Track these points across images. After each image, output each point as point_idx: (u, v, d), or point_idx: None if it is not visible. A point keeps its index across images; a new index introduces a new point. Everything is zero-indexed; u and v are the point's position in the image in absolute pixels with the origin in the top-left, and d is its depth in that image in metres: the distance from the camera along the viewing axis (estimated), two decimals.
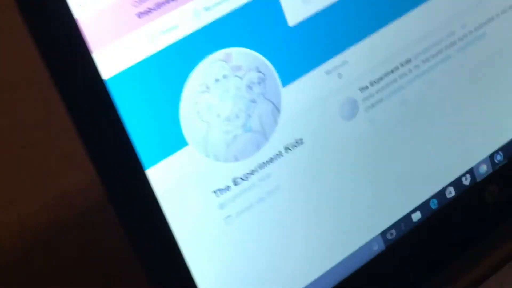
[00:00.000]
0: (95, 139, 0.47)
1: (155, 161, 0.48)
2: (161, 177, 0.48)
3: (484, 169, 0.60)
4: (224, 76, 0.49)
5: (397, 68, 0.55)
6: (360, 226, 0.56)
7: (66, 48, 0.45)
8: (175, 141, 0.48)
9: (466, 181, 0.60)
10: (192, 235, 0.51)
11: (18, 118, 0.66)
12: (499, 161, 0.61)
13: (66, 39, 0.45)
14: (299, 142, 0.53)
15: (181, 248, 0.50)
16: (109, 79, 0.46)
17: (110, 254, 0.66)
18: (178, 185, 0.49)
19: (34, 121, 0.66)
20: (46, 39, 0.44)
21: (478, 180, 0.60)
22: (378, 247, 0.57)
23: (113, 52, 0.46)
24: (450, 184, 0.59)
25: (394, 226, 0.57)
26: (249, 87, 0.50)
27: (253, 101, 0.50)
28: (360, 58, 0.53)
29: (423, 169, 0.58)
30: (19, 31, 0.43)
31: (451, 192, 0.59)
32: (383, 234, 0.57)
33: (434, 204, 0.59)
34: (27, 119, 0.66)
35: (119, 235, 0.49)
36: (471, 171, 0.60)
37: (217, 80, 0.49)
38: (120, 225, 0.49)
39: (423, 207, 0.58)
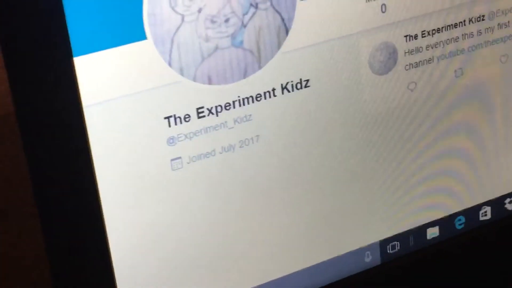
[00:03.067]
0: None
1: (91, 48, 0.35)
2: (95, 73, 0.36)
3: None
4: None
5: (462, 23, 0.43)
6: (356, 225, 0.46)
7: None
8: (129, 29, 0.36)
9: (511, 205, 0.50)
10: (116, 173, 0.37)
11: None
12: None
13: None
14: (303, 84, 0.40)
15: (99, 192, 0.38)
16: None
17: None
18: (117, 92, 0.36)
19: None
20: None
21: None
22: (371, 260, 0.47)
23: None
24: (487, 203, 0.50)
25: (400, 238, 0.48)
26: None
27: (255, 5, 0.37)
28: None
29: (459, 170, 0.47)
30: None
31: (486, 214, 0.51)
32: (383, 244, 0.48)
33: (459, 223, 0.50)
34: None
35: None
36: None
37: None
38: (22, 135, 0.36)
39: (444, 223, 0.49)
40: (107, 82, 0.36)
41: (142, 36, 0.36)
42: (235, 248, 0.41)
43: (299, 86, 0.40)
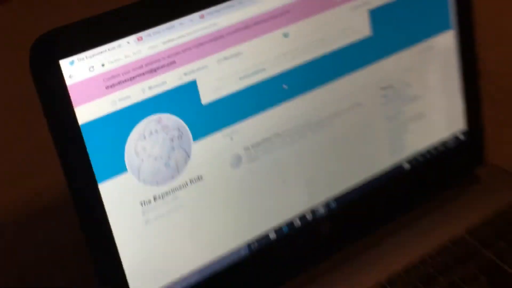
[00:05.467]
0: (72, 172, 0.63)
1: (105, 178, 0.63)
2: (108, 190, 0.63)
3: (321, 210, 0.74)
4: (156, 131, 0.64)
5: (269, 139, 0.69)
6: (232, 235, 0.70)
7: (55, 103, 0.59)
8: (119, 167, 0.63)
9: (309, 216, 0.73)
10: (124, 231, 0.64)
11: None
12: (333, 207, 0.75)
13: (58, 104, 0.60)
14: (200, 178, 0.66)
15: (116, 242, 0.64)
16: (83, 124, 0.62)
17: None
18: (119, 197, 0.63)
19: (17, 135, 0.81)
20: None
21: (317, 216, 0.73)
22: (244, 253, 0.71)
23: (88, 108, 0.61)
24: (297, 217, 0.73)
25: (257, 240, 0.71)
26: (171, 139, 0.64)
27: (173, 148, 0.65)
28: (246, 129, 0.68)
29: (281, 204, 0.72)
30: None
31: (297, 222, 0.73)
32: (249, 244, 0.71)
33: (286, 229, 0.72)
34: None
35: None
36: (312, 211, 0.74)
37: (151, 133, 0.64)
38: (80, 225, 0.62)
39: (277, 230, 0.72)
40: (114, 193, 0.64)
41: (125, 170, 0.62)
42: (171, 253, 0.68)
43: (198, 179, 0.64)
